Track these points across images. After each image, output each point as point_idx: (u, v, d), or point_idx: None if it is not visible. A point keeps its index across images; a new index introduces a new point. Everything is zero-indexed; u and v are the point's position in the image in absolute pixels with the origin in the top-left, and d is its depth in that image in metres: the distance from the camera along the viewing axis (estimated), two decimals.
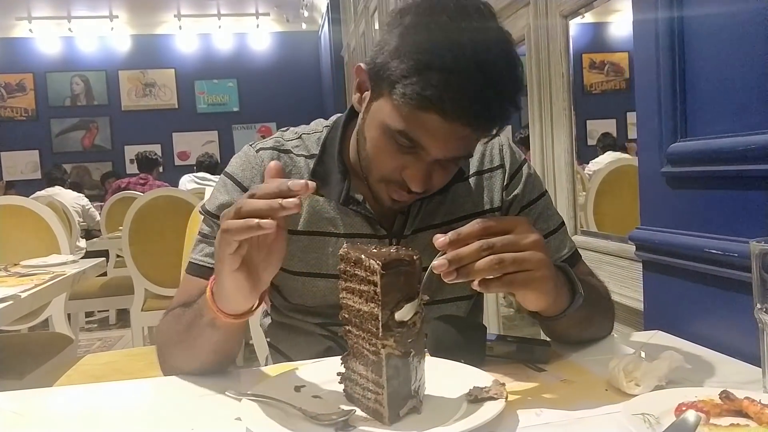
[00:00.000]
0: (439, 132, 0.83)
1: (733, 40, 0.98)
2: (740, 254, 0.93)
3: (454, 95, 0.79)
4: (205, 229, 1.02)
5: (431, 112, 0.81)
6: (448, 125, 0.82)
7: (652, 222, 1.21)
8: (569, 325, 0.93)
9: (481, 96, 0.80)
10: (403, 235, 1.01)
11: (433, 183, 0.92)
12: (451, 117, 0.81)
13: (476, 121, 0.83)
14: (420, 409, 0.73)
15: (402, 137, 0.85)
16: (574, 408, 0.74)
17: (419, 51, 0.81)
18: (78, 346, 3.26)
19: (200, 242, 1.01)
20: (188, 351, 0.90)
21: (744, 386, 0.77)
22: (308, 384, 0.81)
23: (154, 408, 0.83)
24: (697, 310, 1.09)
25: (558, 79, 1.94)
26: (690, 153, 1.07)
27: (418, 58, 0.81)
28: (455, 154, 0.88)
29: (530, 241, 0.77)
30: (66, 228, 2.91)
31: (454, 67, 0.79)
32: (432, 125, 0.82)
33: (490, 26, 0.85)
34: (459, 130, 0.83)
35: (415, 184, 0.89)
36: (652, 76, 1.14)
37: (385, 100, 0.86)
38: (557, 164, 1.99)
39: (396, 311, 0.69)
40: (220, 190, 1.02)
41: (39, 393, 0.92)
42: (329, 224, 1.02)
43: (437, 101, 0.79)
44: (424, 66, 0.80)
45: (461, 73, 0.79)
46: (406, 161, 0.88)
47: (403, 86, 0.81)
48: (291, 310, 1.07)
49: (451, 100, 0.79)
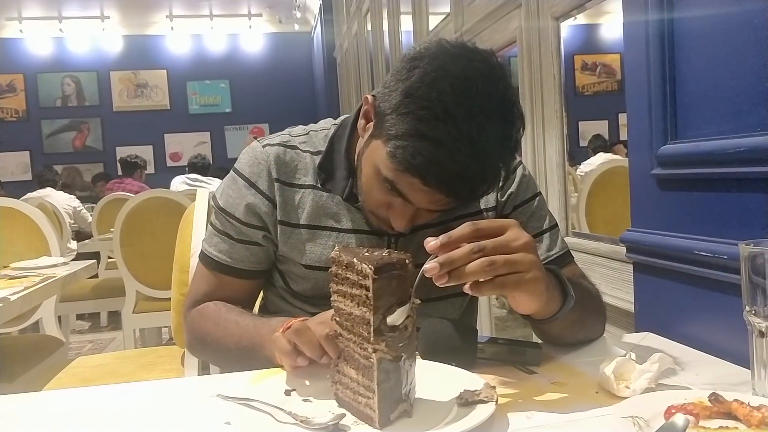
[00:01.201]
0: (423, 193, 0.87)
1: (722, 43, 0.98)
2: (730, 256, 0.94)
3: (439, 170, 0.82)
4: (217, 224, 1.08)
5: (417, 180, 0.85)
6: (432, 193, 0.86)
7: (643, 224, 1.21)
8: (561, 328, 0.93)
9: (467, 175, 0.84)
10: (401, 233, 1.02)
11: (419, 221, 0.96)
12: (435, 187, 0.85)
13: (459, 195, 0.87)
14: (411, 412, 0.72)
15: (389, 185, 0.89)
16: (565, 410, 0.74)
17: (416, 118, 0.83)
18: (69, 348, 3.24)
19: (214, 235, 1.08)
20: (237, 361, 0.97)
21: (734, 388, 0.77)
22: (298, 388, 0.81)
23: (144, 412, 0.82)
24: (688, 312, 1.09)
25: (549, 81, 1.94)
26: (680, 155, 1.07)
27: (413, 126, 0.83)
28: (438, 208, 0.91)
29: (521, 243, 0.77)
30: (57, 230, 2.89)
31: (444, 142, 0.81)
32: (417, 186, 0.86)
33: (494, 92, 0.84)
34: (443, 200, 0.88)
35: (398, 224, 0.94)
36: (642, 78, 1.15)
37: (381, 145, 0.89)
38: (549, 166, 2.00)
39: (388, 315, 0.69)
40: (231, 186, 1.08)
41: (28, 397, 0.91)
42: (331, 219, 1.05)
43: (422, 171, 0.83)
44: (416, 133, 0.83)
45: (450, 150, 0.81)
46: (392, 202, 0.93)
47: (395, 145, 0.84)
48: (293, 296, 1.10)
49: (435, 174, 0.83)
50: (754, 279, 0.72)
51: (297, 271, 1.06)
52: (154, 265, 3.10)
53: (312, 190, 1.05)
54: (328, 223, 1.05)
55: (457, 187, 0.85)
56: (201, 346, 1.08)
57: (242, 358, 0.96)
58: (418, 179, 0.84)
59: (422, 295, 0.74)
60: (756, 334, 0.74)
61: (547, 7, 1.91)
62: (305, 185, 1.06)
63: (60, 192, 5.65)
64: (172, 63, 9.30)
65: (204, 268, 1.09)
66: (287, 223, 1.05)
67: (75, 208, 5.47)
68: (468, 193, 0.87)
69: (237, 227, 1.06)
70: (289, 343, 0.83)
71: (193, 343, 1.11)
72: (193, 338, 1.09)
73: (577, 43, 6.49)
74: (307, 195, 1.05)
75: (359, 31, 5.76)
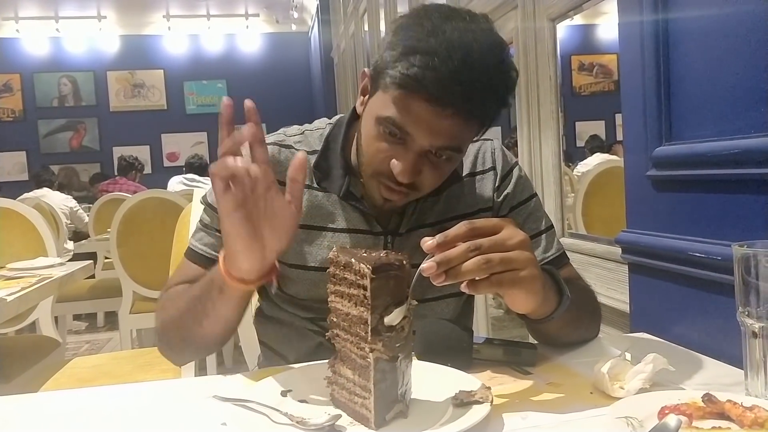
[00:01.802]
0: (424, 117, 0.86)
1: (716, 45, 0.99)
2: (723, 257, 0.94)
3: (435, 75, 0.83)
4: (205, 219, 1.06)
5: (415, 96, 0.85)
6: (432, 109, 0.85)
7: (638, 225, 1.22)
8: (557, 328, 0.93)
9: (463, 78, 0.83)
10: (398, 233, 1.04)
11: (423, 180, 0.93)
12: (434, 98, 0.84)
13: (457, 102, 0.85)
14: (406, 413, 0.73)
15: (390, 125, 0.89)
16: (560, 411, 0.74)
17: (407, 38, 0.87)
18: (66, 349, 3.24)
19: (200, 230, 1.06)
20: (194, 319, 0.92)
21: (728, 388, 0.78)
22: (294, 388, 0.81)
23: (140, 413, 0.82)
24: (682, 313, 1.10)
25: (546, 82, 1.95)
26: (675, 157, 1.08)
27: (405, 44, 0.86)
28: (442, 143, 0.89)
29: (517, 241, 0.77)
30: (53, 230, 2.89)
31: (437, 50, 0.83)
32: (417, 110, 0.86)
33: (481, 26, 0.89)
34: (443, 115, 0.86)
35: (402, 174, 0.90)
36: (637, 80, 1.16)
37: (380, 91, 0.90)
38: (545, 167, 2.00)
39: (385, 315, 0.70)
40: None
41: (24, 398, 0.92)
42: (327, 219, 1.04)
43: (420, 80, 0.83)
44: (410, 50, 0.85)
45: (444, 56, 0.83)
46: (395, 151, 0.91)
47: (391, 71, 0.86)
48: (283, 301, 1.08)
49: (432, 81, 0.83)
50: (747, 280, 0.73)
51: (289, 273, 1.04)
52: (151, 266, 3.10)
53: (307, 189, 1.04)
54: (323, 223, 1.04)
55: (455, 91, 0.84)
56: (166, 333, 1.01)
57: (197, 313, 0.91)
58: (417, 93, 0.84)
59: (418, 295, 0.74)
60: (749, 335, 0.74)
61: (543, 8, 1.92)
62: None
63: (57, 192, 5.64)
64: (169, 63, 9.28)
65: (186, 262, 1.05)
66: None
67: (72, 209, 5.46)
68: (467, 100, 0.85)
69: None
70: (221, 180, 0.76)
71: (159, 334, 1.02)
72: (159, 327, 1.02)
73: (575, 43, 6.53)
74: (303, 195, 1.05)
75: (356, 31, 5.76)
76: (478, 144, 1.12)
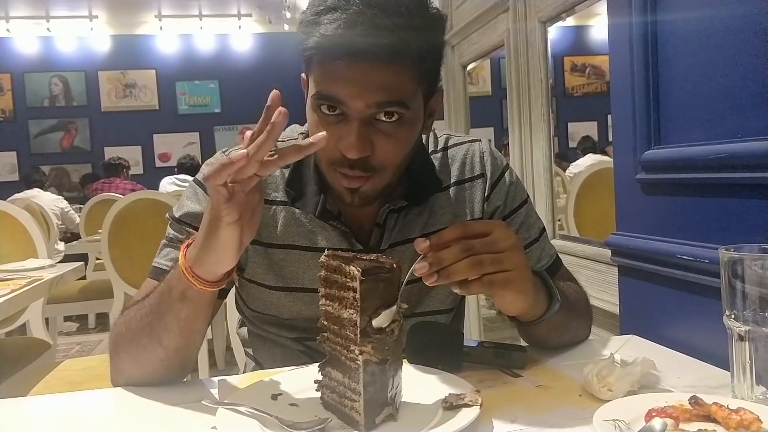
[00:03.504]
0: (347, 75, 0.82)
1: (704, 50, 1.00)
2: (711, 260, 0.95)
3: (342, 25, 0.80)
4: (171, 234, 0.99)
5: (332, 58, 0.82)
6: (351, 63, 0.81)
7: (628, 227, 1.23)
8: (547, 330, 0.94)
9: (363, 19, 0.80)
10: (380, 250, 0.98)
11: (378, 153, 0.86)
12: (349, 50, 0.80)
13: (372, 46, 0.80)
14: (396, 416, 0.73)
15: (322, 101, 0.85)
16: (548, 414, 0.75)
17: (313, 7, 0.84)
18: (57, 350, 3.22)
19: (166, 246, 0.99)
20: (151, 336, 0.84)
21: (715, 390, 0.79)
22: (285, 392, 0.81)
23: (130, 417, 0.82)
24: (671, 315, 1.11)
25: (537, 84, 1.96)
26: (663, 160, 1.09)
27: (312, 14, 0.84)
28: (378, 98, 0.83)
29: (508, 243, 0.78)
30: (44, 231, 2.87)
31: (337, 4, 0.81)
32: (338, 71, 0.82)
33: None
34: (366, 66, 0.81)
35: (350, 149, 0.84)
36: (626, 83, 1.16)
37: (309, 79, 0.88)
38: (536, 169, 2.01)
39: (374, 317, 0.70)
40: (191, 198, 0.99)
41: (13, 403, 0.91)
42: (305, 238, 0.98)
43: (330, 36, 0.81)
44: (314, 20, 0.83)
45: (345, 5, 0.81)
46: (338, 131, 0.85)
47: (305, 45, 0.84)
48: (265, 322, 1.05)
49: (341, 33, 0.80)
50: (734, 284, 0.73)
51: (267, 297, 0.99)
52: (143, 267, 3.02)
53: (284, 206, 0.99)
54: (303, 243, 0.98)
55: (366, 37, 0.80)
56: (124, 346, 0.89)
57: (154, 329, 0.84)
58: (330, 53, 0.81)
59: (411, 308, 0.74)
60: (735, 338, 0.75)
61: (534, 11, 1.93)
62: (276, 201, 0.99)
63: (47, 193, 5.62)
64: (161, 63, 9.25)
65: (149, 283, 0.95)
66: (258, 243, 0.98)
67: (62, 209, 5.43)
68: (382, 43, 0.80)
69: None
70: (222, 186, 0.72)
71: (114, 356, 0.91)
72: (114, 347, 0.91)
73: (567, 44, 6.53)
74: (279, 212, 0.99)
75: None
76: (465, 147, 1.06)
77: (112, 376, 0.92)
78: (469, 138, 1.08)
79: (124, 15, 8.85)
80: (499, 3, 2.16)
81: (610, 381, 0.78)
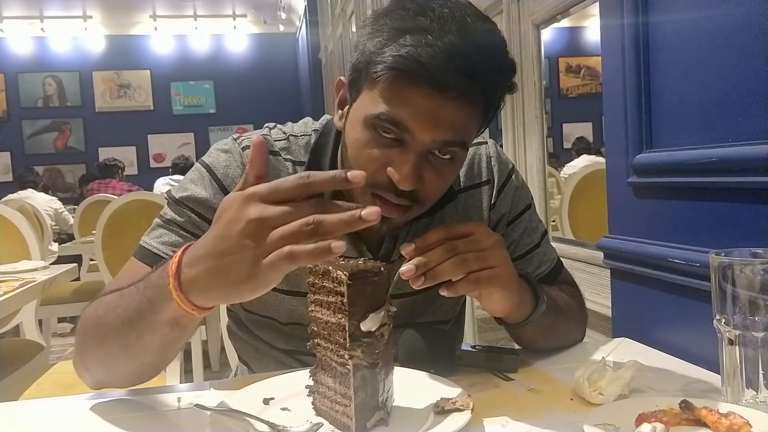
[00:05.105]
0: (423, 104, 0.76)
1: (696, 53, 1.00)
2: (702, 264, 0.96)
3: (432, 51, 0.73)
4: (168, 215, 0.92)
5: (411, 81, 0.75)
6: (432, 93, 0.75)
7: (620, 231, 1.23)
8: (534, 333, 0.94)
9: (462, 52, 0.74)
10: (390, 260, 0.94)
11: (425, 188, 0.82)
12: (434, 79, 0.74)
13: (460, 81, 0.75)
14: (387, 421, 0.73)
15: (384, 122, 0.78)
16: (539, 418, 0.75)
17: (393, 21, 0.77)
18: (51, 351, 3.21)
19: (160, 227, 0.92)
20: (126, 350, 0.76)
21: (705, 394, 0.79)
22: (277, 397, 0.81)
23: (122, 421, 0.82)
24: (662, 318, 1.11)
25: (530, 87, 1.96)
26: (654, 164, 1.09)
27: (392, 27, 0.77)
28: (446, 136, 0.78)
29: (491, 241, 0.80)
30: (37, 233, 2.86)
31: (429, 26, 0.74)
32: (414, 97, 0.76)
33: (467, 3, 0.81)
34: (445, 99, 0.76)
35: (404, 181, 0.78)
36: (618, 86, 1.17)
37: (365, 90, 0.80)
38: (530, 171, 2.02)
39: (363, 321, 0.70)
40: (196, 182, 0.93)
41: (5, 407, 0.91)
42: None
43: (416, 58, 0.73)
44: (398, 32, 0.76)
45: (439, 31, 0.74)
46: (391, 155, 0.79)
47: (379, 59, 0.76)
48: (262, 326, 1.04)
49: (430, 57, 0.73)
50: (724, 288, 0.74)
51: (268, 299, 0.95)
52: None
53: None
54: None
55: (456, 70, 0.74)
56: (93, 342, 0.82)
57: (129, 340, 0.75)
58: (411, 75, 0.74)
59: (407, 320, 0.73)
60: (725, 342, 0.75)
61: (527, 14, 1.94)
62: None
63: (41, 193, 5.60)
64: (156, 63, 9.24)
65: (136, 263, 0.89)
66: None
67: (56, 210, 5.41)
68: (469, 76, 0.75)
69: (195, 221, 0.90)
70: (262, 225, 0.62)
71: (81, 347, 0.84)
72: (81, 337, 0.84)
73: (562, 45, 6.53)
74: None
75: (344, 33, 5.76)
76: (471, 151, 1.02)
77: (76, 363, 0.85)
78: (475, 140, 1.02)
79: (119, 15, 8.84)
80: (492, 6, 2.16)
81: (600, 385, 0.78)
